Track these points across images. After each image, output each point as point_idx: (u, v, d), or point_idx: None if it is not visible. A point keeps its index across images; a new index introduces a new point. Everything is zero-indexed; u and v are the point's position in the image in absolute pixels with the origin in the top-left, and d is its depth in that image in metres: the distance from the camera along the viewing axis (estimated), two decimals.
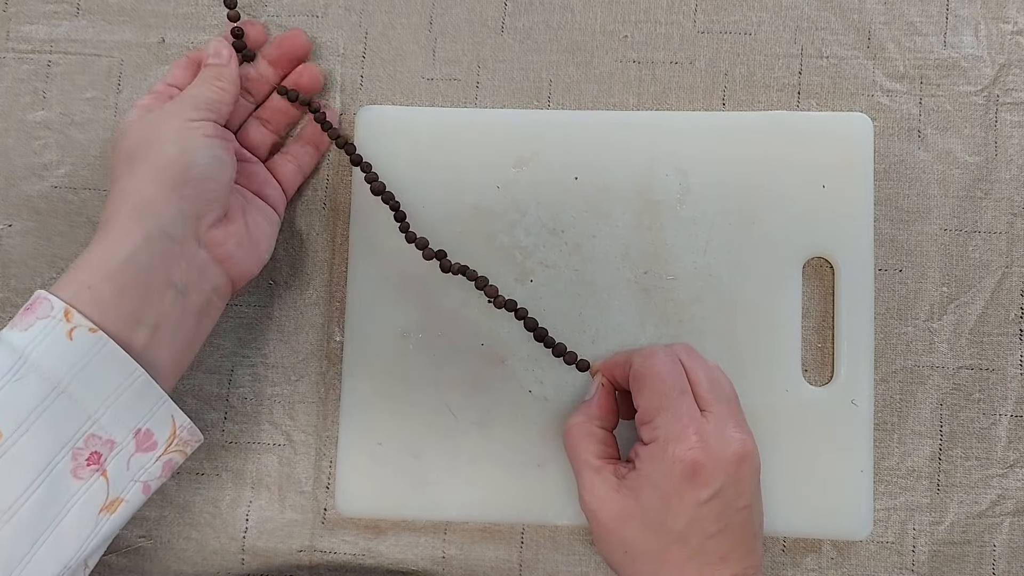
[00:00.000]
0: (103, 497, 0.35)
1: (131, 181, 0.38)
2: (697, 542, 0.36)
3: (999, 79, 0.46)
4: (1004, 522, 0.44)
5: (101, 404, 0.34)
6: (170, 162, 0.38)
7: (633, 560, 0.37)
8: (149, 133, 0.39)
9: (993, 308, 0.45)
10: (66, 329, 0.34)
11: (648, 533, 0.36)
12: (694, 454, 0.36)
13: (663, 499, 0.36)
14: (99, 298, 0.35)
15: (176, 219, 0.38)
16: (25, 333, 0.34)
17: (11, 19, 0.48)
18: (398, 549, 0.45)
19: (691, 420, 0.37)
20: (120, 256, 0.36)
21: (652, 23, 0.47)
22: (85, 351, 0.34)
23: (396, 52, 0.47)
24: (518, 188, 0.45)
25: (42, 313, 0.35)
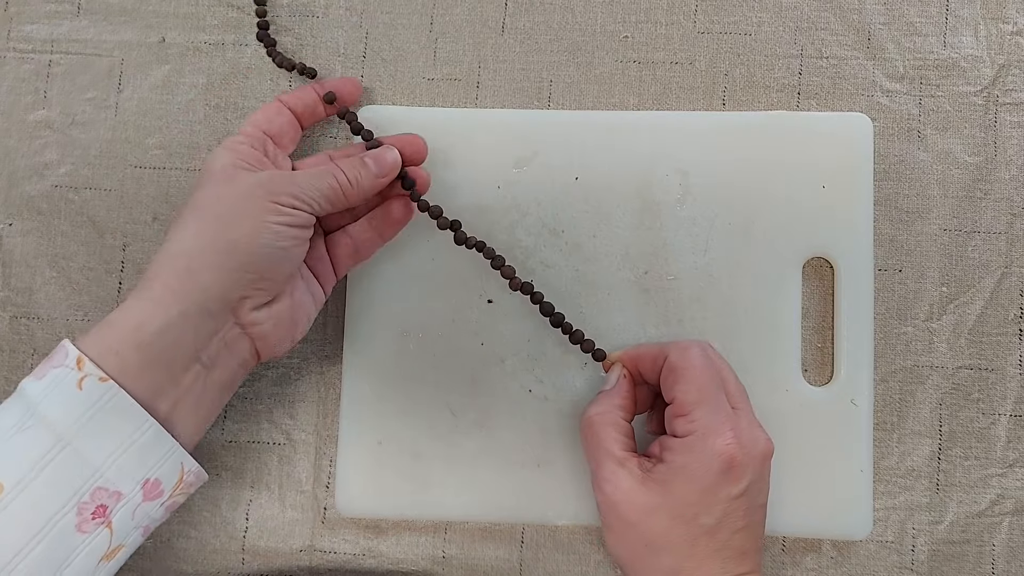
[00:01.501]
0: (105, 547, 0.34)
1: (188, 242, 0.36)
2: (724, 536, 0.36)
3: (999, 79, 0.46)
4: (1003, 522, 0.44)
5: (108, 457, 0.33)
6: (238, 242, 0.36)
7: (656, 554, 0.37)
8: (234, 201, 0.36)
9: (992, 308, 0.45)
10: (76, 378, 0.33)
11: (677, 526, 0.36)
12: (732, 449, 0.36)
13: (699, 492, 0.36)
14: (123, 365, 0.34)
15: (221, 298, 0.36)
16: (39, 382, 0.34)
17: (12, 19, 0.48)
18: (398, 549, 0.45)
19: (727, 416, 0.37)
20: (153, 327, 0.35)
21: (652, 23, 0.47)
22: (94, 401, 0.33)
23: (397, 52, 0.47)
24: (518, 188, 0.45)
25: (57, 362, 0.34)
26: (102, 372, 0.33)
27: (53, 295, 0.46)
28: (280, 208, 0.37)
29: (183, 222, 0.37)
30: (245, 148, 0.39)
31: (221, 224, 0.36)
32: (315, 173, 0.39)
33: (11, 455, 0.33)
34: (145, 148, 0.47)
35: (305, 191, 0.37)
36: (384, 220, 0.43)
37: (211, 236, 0.36)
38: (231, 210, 0.36)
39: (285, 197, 0.37)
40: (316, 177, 0.38)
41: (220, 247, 0.36)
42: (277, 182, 0.37)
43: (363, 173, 0.40)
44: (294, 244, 0.37)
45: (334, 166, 0.40)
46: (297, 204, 0.37)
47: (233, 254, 0.36)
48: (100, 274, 0.47)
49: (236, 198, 0.36)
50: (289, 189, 0.37)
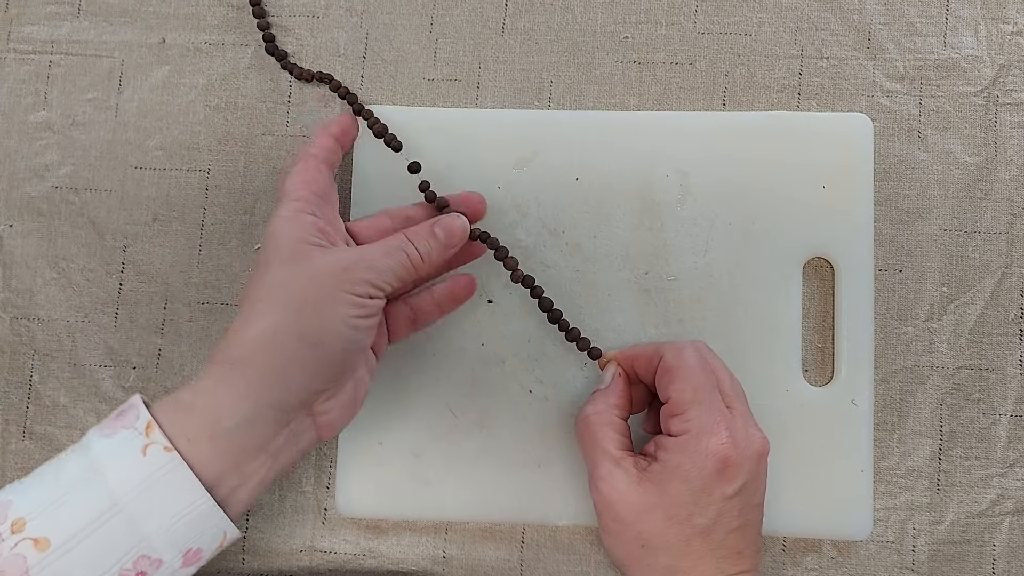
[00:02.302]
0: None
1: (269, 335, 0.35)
2: (719, 536, 0.36)
3: (999, 79, 0.46)
4: (1004, 522, 0.44)
5: (159, 527, 0.33)
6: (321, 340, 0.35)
7: (651, 553, 0.37)
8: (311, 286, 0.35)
9: (993, 308, 0.45)
10: (143, 444, 0.33)
11: (672, 526, 0.36)
12: (726, 449, 0.36)
13: (693, 492, 0.36)
14: (194, 451, 0.34)
15: (300, 395, 0.35)
16: (106, 440, 0.34)
17: (12, 20, 0.48)
18: (398, 549, 0.45)
19: (722, 415, 0.37)
20: (230, 421, 0.34)
21: (652, 24, 0.47)
22: (155, 470, 0.33)
23: (397, 53, 0.47)
24: (519, 188, 0.45)
25: (127, 423, 0.34)
26: (167, 441, 0.33)
27: (53, 296, 0.46)
28: (360, 301, 0.36)
29: (261, 306, 0.35)
30: (308, 219, 0.38)
31: (303, 320, 0.35)
32: (387, 251, 0.37)
33: (65, 511, 0.32)
34: (145, 149, 0.47)
35: (381, 275, 0.37)
36: (448, 297, 0.42)
37: (293, 332, 0.35)
38: (311, 304, 0.35)
39: (363, 286, 0.36)
40: (389, 257, 0.37)
41: (303, 345, 0.35)
42: (354, 270, 0.36)
43: (433, 245, 0.39)
44: (369, 333, 0.37)
45: (404, 240, 0.38)
46: (374, 292, 0.36)
47: (315, 351, 0.35)
48: (100, 275, 0.47)
49: (315, 289, 0.35)
50: (366, 276, 0.36)
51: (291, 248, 0.36)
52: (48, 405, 0.46)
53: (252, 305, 0.36)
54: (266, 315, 0.35)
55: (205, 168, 0.47)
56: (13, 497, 0.33)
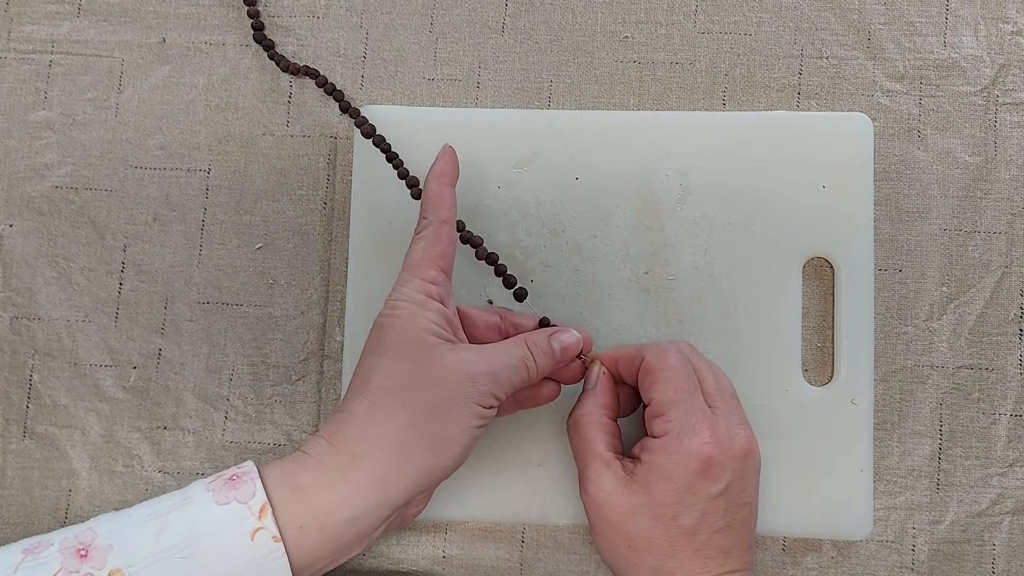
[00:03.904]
0: None
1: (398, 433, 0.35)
2: (704, 536, 0.36)
3: (999, 79, 0.46)
4: (1004, 521, 0.44)
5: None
6: (446, 449, 0.35)
7: (638, 553, 0.37)
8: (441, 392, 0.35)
9: (993, 308, 0.45)
10: (253, 528, 0.33)
11: (657, 527, 0.36)
12: (708, 448, 0.36)
13: (676, 492, 0.36)
14: (301, 539, 0.33)
15: (412, 493, 0.35)
16: (219, 508, 0.33)
17: (12, 19, 0.48)
18: (398, 549, 0.45)
19: (703, 415, 0.37)
20: (342, 516, 0.34)
21: (652, 24, 0.47)
22: (258, 557, 0.32)
23: (397, 52, 0.48)
24: (519, 188, 0.45)
25: (242, 496, 0.33)
26: (277, 531, 0.33)
27: (54, 296, 0.46)
28: (484, 412, 0.36)
29: (390, 400, 0.35)
30: (437, 307, 0.37)
31: (431, 423, 0.35)
32: (512, 363, 0.37)
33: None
34: (145, 149, 0.47)
35: (503, 387, 0.37)
36: (530, 399, 0.42)
37: (422, 434, 0.35)
38: (442, 408, 0.35)
39: (488, 398, 0.36)
40: (513, 370, 0.37)
41: (428, 448, 0.35)
42: (482, 380, 0.36)
43: (549, 361, 0.39)
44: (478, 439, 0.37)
45: (527, 352, 0.38)
46: (495, 404, 0.37)
47: (437, 455, 0.35)
48: (101, 275, 0.47)
49: (446, 394, 0.35)
50: (492, 388, 0.36)
51: (422, 341, 0.36)
52: (48, 405, 0.46)
53: (379, 394, 0.35)
54: (397, 413, 0.35)
55: (205, 168, 0.47)
56: (113, 541, 0.32)
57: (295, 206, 0.47)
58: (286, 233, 0.46)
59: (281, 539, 0.33)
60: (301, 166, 0.47)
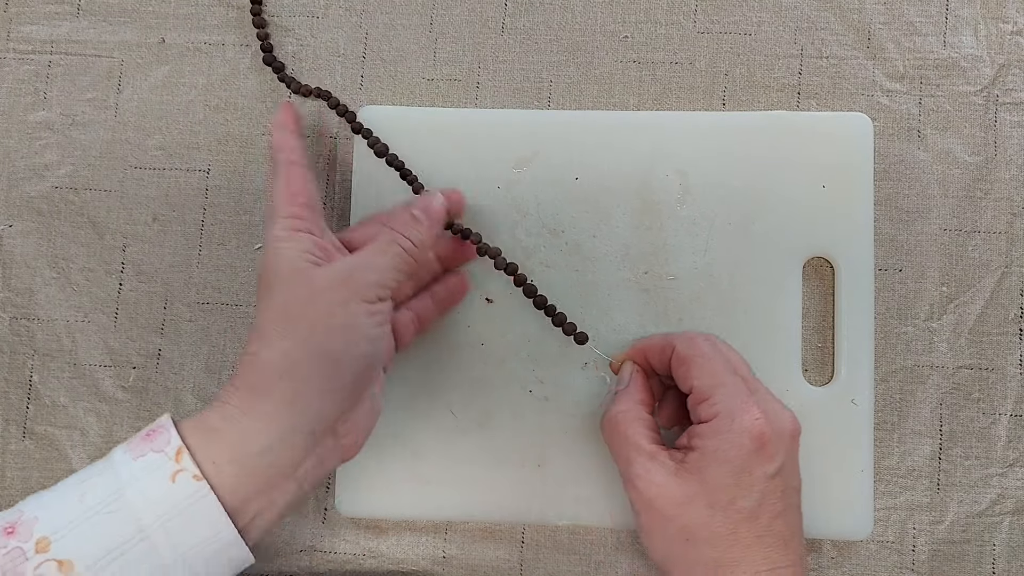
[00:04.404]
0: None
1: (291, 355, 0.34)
2: (765, 521, 0.35)
3: (999, 79, 0.46)
4: (1004, 521, 0.44)
5: (180, 556, 0.33)
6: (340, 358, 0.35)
7: (696, 547, 0.36)
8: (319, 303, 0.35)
9: (993, 308, 0.45)
10: (172, 471, 0.33)
11: (716, 514, 0.35)
12: (761, 425, 0.36)
13: (733, 474, 0.35)
14: (219, 477, 0.33)
15: (324, 418, 0.35)
16: (135, 463, 0.33)
17: (12, 19, 0.48)
18: (398, 549, 0.45)
19: (748, 394, 0.37)
20: (254, 446, 0.34)
21: (652, 23, 0.47)
22: (183, 498, 0.33)
23: (396, 52, 0.47)
24: (518, 188, 0.45)
25: (157, 446, 0.34)
26: (197, 470, 0.33)
27: (53, 296, 0.46)
28: (371, 307, 0.36)
29: (272, 334, 0.35)
30: (304, 237, 0.37)
31: (317, 339, 0.35)
32: (381, 249, 0.37)
33: (90, 535, 0.32)
34: (145, 149, 0.47)
35: (384, 274, 0.37)
36: (447, 296, 0.43)
37: (311, 354, 0.35)
38: (323, 320, 0.35)
39: (371, 290, 0.36)
40: (385, 254, 0.37)
41: (323, 366, 0.35)
42: (358, 277, 0.36)
43: (419, 229, 0.39)
44: (383, 337, 0.37)
45: (391, 232, 0.38)
46: (381, 294, 0.36)
47: (336, 370, 0.35)
48: (100, 275, 0.47)
49: (324, 305, 0.35)
50: (372, 279, 0.36)
51: (291, 269, 0.36)
52: (48, 405, 0.46)
53: (265, 329, 0.35)
54: (280, 340, 0.35)
55: (205, 168, 0.47)
56: (39, 513, 0.33)
57: None
58: None
59: (203, 477, 0.33)
60: None
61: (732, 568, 0.35)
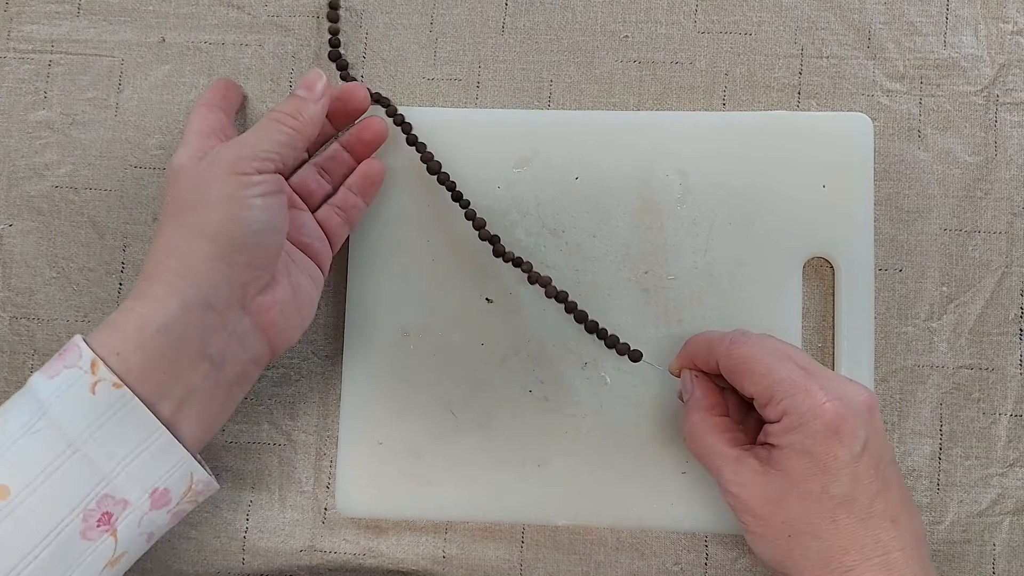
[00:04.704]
0: (110, 555, 0.34)
1: (175, 239, 0.35)
2: (864, 502, 0.34)
3: (999, 79, 0.46)
4: (1004, 521, 0.44)
5: (117, 464, 0.33)
6: (218, 227, 0.35)
7: (800, 540, 0.35)
8: (200, 184, 0.36)
9: (993, 308, 0.45)
10: (90, 382, 0.33)
11: (810, 504, 0.35)
12: (831, 407, 0.35)
13: (817, 463, 0.34)
14: (126, 366, 0.34)
15: (221, 288, 0.35)
16: (50, 382, 0.33)
17: (12, 19, 0.48)
18: (398, 549, 0.45)
19: (808, 380, 0.36)
20: (152, 326, 0.34)
21: (652, 23, 0.47)
22: (106, 407, 0.33)
23: (397, 52, 0.47)
24: (519, 188, 0.45)
25: (70, 362, 0.34)
26: (116, 378, 0.33)
27: (53, 296, 0.46)
28: (246, 179, 0.36)
29: (163, 225, 0.36)
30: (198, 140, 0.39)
31: (198, 214, 0.35)
32: (258, 127, 0.38)
33: (20, 458, 0.32)
34: (145, 148, 0.47)
35: (261, 149, 0.37)
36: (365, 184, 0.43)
37: (193, 228, 0.35)
38: (202, 198, 0.36)
39: (246, 163, 0.36)
40: (264, 130, 0.37)
41: (205, 237, 0.35)
42: (232, 153, 0.36)
43: (301, 105, 0.39)
44: (274, 212, 0.37)
45: (272, 112, 0.38)
46: (260, 166, 0.36)
47: (219, 240, 0.35)
48: (100, 275, 0.47)
49: (202, 184, 0.36)
50: (245, 153, 0.36)
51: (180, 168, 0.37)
52: None
53: (157, 231, 0.37)
54: (167, 226, 0.36)
55: None
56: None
57: None
58: None
59: (123, 385, 0.33)
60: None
61: (841, 558, 0.34)
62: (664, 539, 0.44)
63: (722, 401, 0.40)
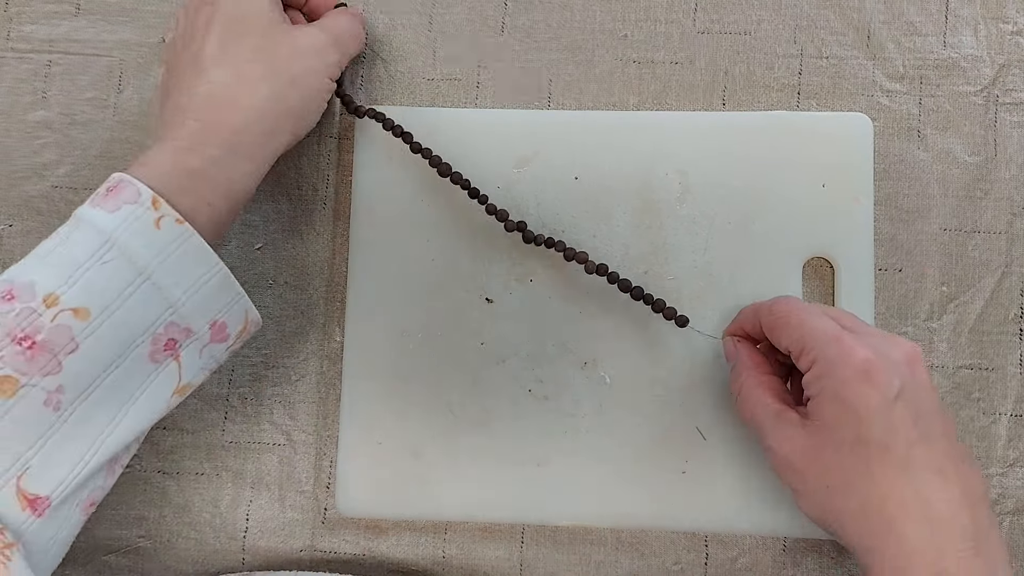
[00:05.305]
0: (176, 381, 0.36)
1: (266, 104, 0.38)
2: (901, 452, 0.33)
3: (999, 79, 0.46)
4: (1004, 521, 0.44)
5: (183, 294, 0.35)
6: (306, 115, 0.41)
7: (841, 495, 0.34)
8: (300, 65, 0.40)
9: (993, 308, 0.45)
10: (154, 217, 0.34)
11: (845, 455, 0.34)
12: (860, 353, 0.34)
13: (849, 409, 0.34)
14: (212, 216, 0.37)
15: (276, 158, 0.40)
16: (112, 215, 0.34)
17: (11, 19, 0.48)
18: (398, 549, 0.45)
19: (839, 331, 0.35)
20: (241, 186, 0.38)
21: (652, 22, 0.47)
22: (171, 240, 0.35)
23: (396, 52, 0.47)
24: (519, 188, 0.45)
25: (128, 198, 0.35)
26: (178, 214, 0.35)
27: None
28: (330, 84, 0.42)
29: (252, 75, 0.39)
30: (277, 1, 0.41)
31: (293, 96, 0.40)
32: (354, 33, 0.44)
33: (96, 284, 0.33)
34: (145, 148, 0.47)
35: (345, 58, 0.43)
36: None
37: (284, 104, 0.39)
38: (299, 78, 0.40)
39: (335, 69, 0.42)
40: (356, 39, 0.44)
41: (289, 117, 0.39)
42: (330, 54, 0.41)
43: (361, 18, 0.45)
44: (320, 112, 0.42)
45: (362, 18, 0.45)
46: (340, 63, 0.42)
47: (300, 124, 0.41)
48: None
49: (303, 66, 0.40)
50: (337, 59, 0.42)
51: (268, 19, 0.40)
52: None
53: (242, 67, 0.39)
54: (262, 82, 0.39)
55: None
56: (32, 276, 0.33)
57: (295, 206, 0.47)
58: (286, 233, 0.46)
59: (184, 220, 0.35)
60: (301, 166, 0.47)
61: (880, 508, 0.33)
62: (664, 539, 0.44)
63: (766, 361, 0.40)
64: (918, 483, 0.33)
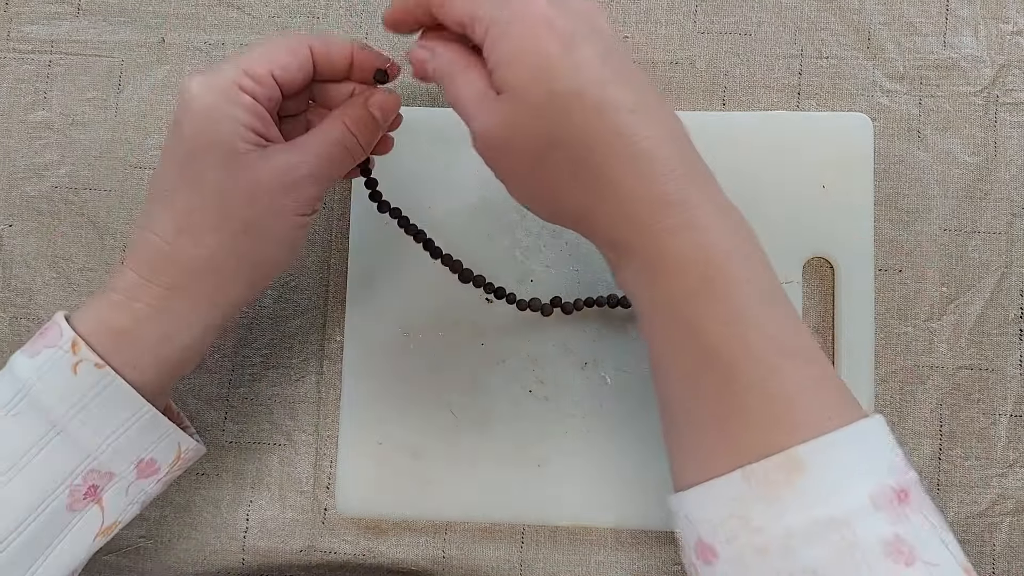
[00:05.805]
0: (99, 524, 0.34)
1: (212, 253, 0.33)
2: (594, 93, 0.30)
3: (999, 79, 0.46)
4: (1004, 522, 0.44)
5: (103, 442, 0.33)
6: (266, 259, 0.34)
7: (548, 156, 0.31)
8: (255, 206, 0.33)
9: (992, 308, 0.45)
10: (72, 362, 0.32)
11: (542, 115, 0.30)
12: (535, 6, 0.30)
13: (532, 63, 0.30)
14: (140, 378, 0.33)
15: (237, 310, 0.36)
16: (32, 361, 0.33)
17: (12, 19, 0.48)
18: (398, 549, 0.45)
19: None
20: (176, 345, 0.34)
21: (652, 23, 0.47)
22: (90, 387, 0.32)
23: (397, 53, 0.47)
24: None
25: (50, 341, 0.33)
26: (98, 358, 0.32)
27: (53, 296, 0.46)
28: (306, 220, 0.34)
29: (203, 225, 0.33)
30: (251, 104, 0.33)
31: (249, 242, 0.33)
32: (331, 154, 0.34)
33: (5, 438, 0.32)
34: (145, 148, 0.47)
35: (325, 184, 0.34)
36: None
37: (241, 255, 0.34)
38: (260, 225, 0.33)
39: (311, 205, 0.34)
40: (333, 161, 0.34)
41: (248, 267, 0.34)
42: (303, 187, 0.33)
43: (371, 128, 0.35)
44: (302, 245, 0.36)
45: (346, 132, 0.34)
46: (318, 206, 0.35)
47: (260, 269, 0.35)
48: (100, 275, 0.47)
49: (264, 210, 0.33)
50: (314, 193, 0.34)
51: (230, 148, 0.32)
52: None
53: (187, 215, 0.33)
54: (209, 234, 0.33)
55: None
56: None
57: None
58: None
59: (105, 364, 0.32)
60: None
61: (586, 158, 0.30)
62: (664, 539, 0.44)
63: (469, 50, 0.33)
64: (618, 124, 0.30)
